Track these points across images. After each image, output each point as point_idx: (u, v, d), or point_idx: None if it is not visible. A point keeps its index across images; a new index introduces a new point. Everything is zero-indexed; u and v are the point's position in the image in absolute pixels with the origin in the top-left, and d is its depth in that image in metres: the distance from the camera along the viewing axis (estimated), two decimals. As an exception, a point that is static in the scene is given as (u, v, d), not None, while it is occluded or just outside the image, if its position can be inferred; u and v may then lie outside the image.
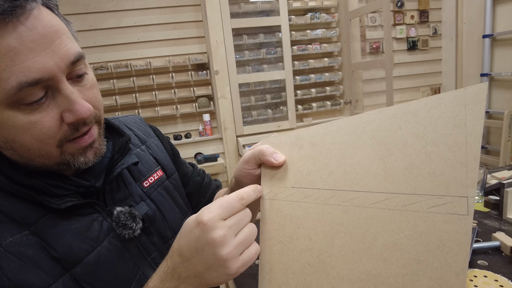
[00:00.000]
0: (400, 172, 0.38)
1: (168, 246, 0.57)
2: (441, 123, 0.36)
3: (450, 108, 0.36)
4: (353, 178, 0.41)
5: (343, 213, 0.41)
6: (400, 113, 0.39)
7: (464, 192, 0.34)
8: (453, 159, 0.35)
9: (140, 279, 0.51)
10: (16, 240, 0.41)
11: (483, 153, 2.57)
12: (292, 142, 0.48)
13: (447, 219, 0.34)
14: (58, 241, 0.44)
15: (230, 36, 2.20)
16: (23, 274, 0.40)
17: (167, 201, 0.62)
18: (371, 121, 0.41)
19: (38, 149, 0.42)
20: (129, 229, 0.50)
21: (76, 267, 0.45)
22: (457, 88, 1.01)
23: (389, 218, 0.38)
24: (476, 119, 0.34)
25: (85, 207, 0.48)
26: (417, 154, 0.37)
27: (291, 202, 0.46)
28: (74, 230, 0.46)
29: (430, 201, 0.35)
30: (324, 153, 0.45)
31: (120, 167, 0.52)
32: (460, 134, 0.35)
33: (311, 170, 0.45)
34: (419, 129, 0.37)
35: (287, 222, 0.46)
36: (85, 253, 0.46)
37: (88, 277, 0.45)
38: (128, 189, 0.56)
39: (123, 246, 0.51)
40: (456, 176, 0.34)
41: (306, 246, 0.43)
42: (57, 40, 0.40)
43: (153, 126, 0.73)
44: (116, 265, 0.48)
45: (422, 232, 0.36)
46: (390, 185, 0.38)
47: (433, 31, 2.72)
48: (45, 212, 0.45)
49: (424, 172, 0.36)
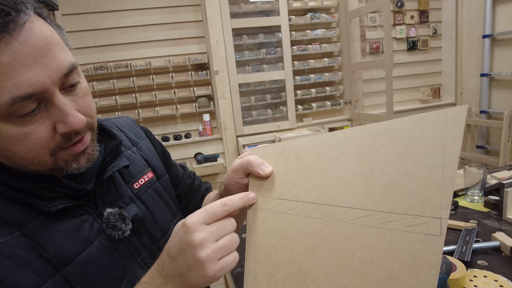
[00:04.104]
0: (379, 190, 0.39)
1: (158, 246, 0.58)
2: (421, 143, 0.37)
3: (430, 129, 0.36)
4: (335, 193, 0.42)
5: (324, 227, 0.42)
6: (383, 130, 0.40)
7: (438, 214, 0.35)
8: (430, 180, 0.36)
9: (130, 278, 0.52)
10: (7, 241, 0.42)
11: (483, 153, 2.57)
12: (279, 153, 0.49)
13: (421, 239, 0.35)
14: (49, 242, 0.45)
15: (230, 36, 2.20)
16: (14, 274, 0.41)
17: (157, 203, 0.62)
18: (355, 137, 0.42)
19: (31, 158, 0.43)
20: (119, 230, 0.51)
21: (67, 267, 0.45)
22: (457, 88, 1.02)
23: (367, 235, 0.39)
24: (454, 141, 0.34)
25: (76, 208, 0.49)
26: (397, 173, 0.38)
27: (276, 213, 0.47)
28: (65, 231, 0.46)
29: (406, 220, 0.36)
30: (309, 166, 0.46)
31: (111, 170, 0.53)
32: (438, 156, 0.35)
33: (296, 182, 0.46)
34: (400, 148, 0.38)
35: (272, 233, 0.47)
36: (76, 254, 0.46)
37: (79, 276, 0.46)
38: (119, 191, 0.57)
39: (113, 247, 0.51)
40: (432, 197, 0.35)
41: (288, 257, 0.45)
42: (50, 53, 0.40)
43: (145, 128, 0.74)
44: (106, 265, 0.49)
45: (397, 250, 0.37)
46: (370, 202, 0.39)
47: (433, 31, 2.72)
48: (36, 214, 0.45)
49: (402, 192, 0.37)
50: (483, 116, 2.52)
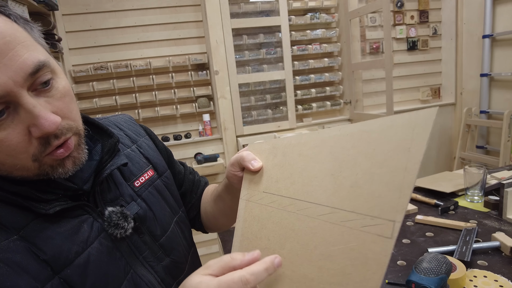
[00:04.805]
0: (346, 189, 0.40)
1: (159, 244, 0.58)
2: (389, 145, 0.37)
3: (399, 131, 0.37)
4: (309, 190, 0.45)
5: (296, 220, 0.45)
6: (357, 131, 0.41)
7: (393, 216, 0.35)
8: (391, 182, 0.36)
9: (132, 278, 0.51)
10: (3, 246, 0.41)
11: (483, 153, 2.57)
12: (269, 150, 0.53)
13: (375, 240, 0.36)
14: (48, 244, 0.44)
15: (230, 36, 2.20)
16: (11, 280, 0.40)
17: (158, 200, 0.62)
18: (332, 137, 0.44)
19: (12, 164, 0.41)
20: (121, 229, 0.50)
21: (66, 269, 0.44)
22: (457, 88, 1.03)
23: (329, 231, 0.41)
24: (420, 145, 0.34)
25: (75, 209, 0.48)
26: (363, 174, 0.39)
27: (260, 205, 0.51)
28: (64, 233, 0.46)
29: (364, 221, 0.38)
30: (291, 163, 0.49)
31: (109, 168, 0.52)
32: (402, 159, 0.36)
33: (279, 178, 0.50)
34: (369, 149, 0.39)
35: (255, 222, 0.51)
36: (75, 255, 0.46)
37: (78, 278, 0.45)
38: (119, 189, 0.56)
39: (114, 246, 0.51)
40: (390, 200, 0.36)
41: (265, 245, 0.48)
42: (10, 53, 0.38)
43: (144, 126, 0.74)
44: (106, 265, 0.49)
45: (352, 248, 0.38)
46: (336, 200, 0.41)
47: (433, 31, 2.72)
48: (34, 216, 0.44)
49: (365, 193, 0.38)
50: (483, 116, 2.52)
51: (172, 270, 0.59)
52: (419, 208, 1.11)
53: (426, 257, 0.66)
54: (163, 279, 0.56)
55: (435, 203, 1.11)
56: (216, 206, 0.72)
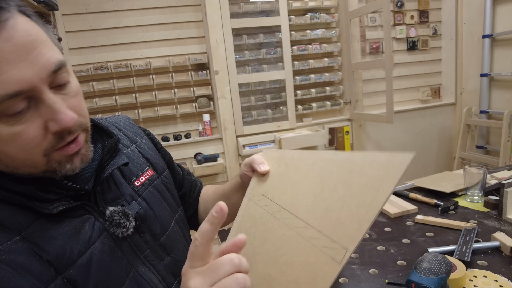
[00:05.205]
0: (321, 210, 0.45)
1: (160, 243, 0.59)
2: (364, 180, 0.41)
3: (376, 169, 0.40)
4: (294, 203, 0.49)
5: (278, 226, 0.50)
6: (344, 160, 0.45)
7: (347, 245, 0.39)
8: (355, 214, 0.39)
9: (133, 277, 0.52)
10: (6, 248, 0.41)
11: (483, 153, 2.57)
12: (276, 158, 0.58)
13: (327, 261, 0.40)
14: (51, 244, 0.44)
15: (230, 36, 2.20)
16: (14, 281, 0.40)
17: (158, 200, 0.63)
18: (325, 160, 0.48)
19: (23, 159, 0.42)
20: (123, 228, 0.51)
21: (69, 269, 0.45)
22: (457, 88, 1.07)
23: (298, 243, 0.45)
24: (388, 187, 0.37)
25: (77, 209, 0.49)
26: (337, 200, 0.43)
27: (257, 205, 0.56)
28: (67, 233, 0.46)
29: (325, 242, 0.42)
30: (289, 175, 0.54)
31: (110, 168, 0.53)
32: (370, 196, 0.39)
33: (276, 186, 0.55)
34: (348, 179, 0.43)
35: (249, 219, 0.56)
36: (78, 255, 0.46)
37: (81, 278, 0.45)
38: (120, 189, 0.57)
39: (116, 245, 0.51)
40: (349, 230, 0.39)
41: (250, 241, 0.53)
42: (35, 51, 0.39)
43: (142, 127, 0.75)
44: (108, 264, 0.49)
45: (309, 263, 0.42)
46: (311, 217, 0.46)
47: (433, 31, 2.72)
48: (37, 217, 0.45)
49: (334, 217, 0.42)
50: (483, 116, 2.52)
51: (173, 269, 0.60)
52: (419, 208, 1.11)
53: (426, 257, 0.66)
54: (164, 277, 0.57)
55: (435, 203, 1.11)
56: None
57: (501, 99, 2.42)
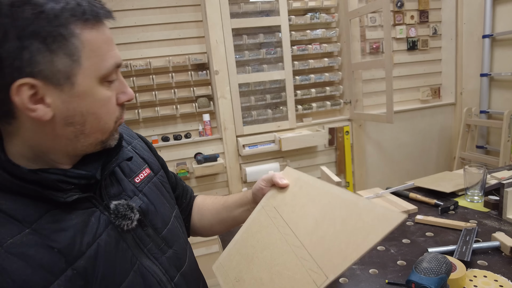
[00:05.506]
0: (317, 237, 0.51)
1: (161, 237, 0.61)
2: (359, 224, 0.46)
3: (371, 217, 0.45)
4: (298, 222, 0.56)
5: (279, 239, 0.57)
6: (350, 200, 0.50)
7: (328, 274, 0.45)
8: (343, 251, 0.45)
9: (138, 269, 0.54)
10: (17, 241, 0.42)
11: (483, 153, 2.57)
12: (295, 178, 0.64)
13: (309, 282, 0.47)
14: (61, 236, 0.46)
15: (230, 36, 2.20)
16: (26, 274, 0.41)
17: (157, 195, 0.66)
18: (334, 193, 0.53)
19: (104, 122, 0.50)
20: (128, 220, 0.54)
21: (79, 261, 0.46)
22: (457, 88, 1.14)
23: (291, 259, 0.53)
24: (376, 236, 0.42)
25: (84, 201, 0.51)
26: (333, 233, 0.49)
27: (267, 215, 0.63)
28: (76, 225, 0.48)
29: (312, 265, 0.48)
30: (300, 197, 0.60)
31: (115, 162, 0.56)
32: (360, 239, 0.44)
33: (288, 203, 0.61)
34: (347, 219, 0.48)
35: (256, 225, 0.64)
36: (87, 247, 0.48)
37: (90, 269, 0.47)
38: (121, 184, 0.59)
39: (121, 238, 0.54)
40: (335, 262, 0.45)
41: (252, 245, 0.62)
42: None
43: (135, 132, 0.78)
44: (114, 256, 0.51)
45: (295, 279, 0.50)
46: (307, 240, 0.52)
47: (433, 31, 2.72)
48: (47, 209, 0.46)
49: (326, 247, 0.48)
50: (483, 116, 2.52)
51: (175, 262, 0.62)
52: (419, 208, 1.11)
53: (426, 257, 0.66)
54: (167, 270, 0.59)
55: (435, 203, 1.11)
56: (218, 216, 0.80)
57: (501, 99, 2.42)
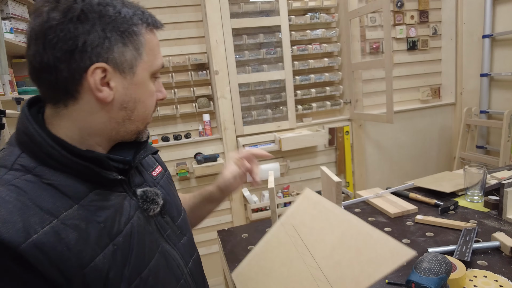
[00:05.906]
0: (333, 261, 0.54)
1: (177, 225, 0.67)
2: (372, 255, 0.49)
3: (385, 250, 0.48)
4: (315, 246, 0.59)
5: (296, 258, 0.61)
6: (365, 231, 0.53)
7: None
8: (355, 278, 0.49)
9: (161, 251, 0.59)
10: (70, 214, 0.46)
11: (483, 153, 2.57)
12: (315, 202, 0.68)
13: None
14: (105, 213, 0.50)
15: (230, 36, 2.20)
16: (80, 245, 0.45)
17: (171, 188, 0.72)
18: (351, 222, 0.56)
19: (149, 111, 0.58)
20: (155, 204, 0.60)
21: (119, 237, 0.51)
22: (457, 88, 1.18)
23: (306, 278, 0.57)
24: (387, 267, 0.46)
25: (118, 186, 0.56)
26: (347, 260, 0.52)
27: (286, 233, 0.68)
28: (115, 205, 0.53)
29: (326, 287, 0.52)
30: (318, 220, 0.63)
31: (145, 153, 0.62)
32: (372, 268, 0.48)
33: (307, 224, 0.65)
34: (361, 248, 0.51)
35: (275, 240, 0.70)
36: (124, 225, 0.52)
37: (126, 246, 0.52)
38: (143, 176, 0.65)
39: (147, 222, 0.58)
40: (348, 287, 0.49)
41: (270, 259, 0.68)
42: None
43: None
44: (144, 237, 0.56)
45: None
46: (323, 263, 0.56)
47: (433, 31, 2.72)
48: (91, 188, 0.51)
49: (339, 271, 0.52)
50: (483, 116, 2.52)
51: (189, 248, 0.68)
52: (419, 208, 1.11)
53: (426, 257, 0.66)
54: (183, 255, 0.65)
55: (435, 203, 1.11)
56: (204, 208, 0.89)
57: (501, 99, 2.42)
